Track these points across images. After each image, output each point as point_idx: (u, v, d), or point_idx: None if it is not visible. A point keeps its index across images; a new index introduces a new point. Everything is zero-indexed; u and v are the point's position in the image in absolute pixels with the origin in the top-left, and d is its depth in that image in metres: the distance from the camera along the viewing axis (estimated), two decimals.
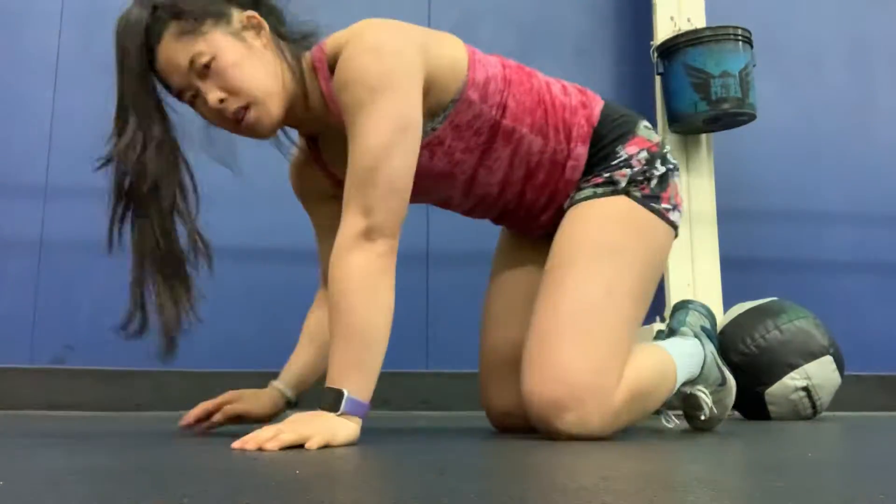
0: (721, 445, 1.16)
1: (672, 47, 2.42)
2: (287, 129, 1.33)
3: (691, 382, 1.36)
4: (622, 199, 1.28)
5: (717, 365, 1.41)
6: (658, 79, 2.53)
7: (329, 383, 1.03)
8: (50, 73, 2.47)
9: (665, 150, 1.35)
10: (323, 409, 1.01)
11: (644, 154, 1.31)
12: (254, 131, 1.19)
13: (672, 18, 2.53)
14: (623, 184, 1.28)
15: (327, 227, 1.33)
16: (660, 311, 2.41)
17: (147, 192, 1.11)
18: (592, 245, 1.25)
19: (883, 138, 2.89)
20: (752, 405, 2.05)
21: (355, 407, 1.02)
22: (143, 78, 1.12)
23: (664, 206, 1.30)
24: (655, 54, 2.50)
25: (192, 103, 1.19)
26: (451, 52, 1.22)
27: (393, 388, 2.34)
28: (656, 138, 1.36)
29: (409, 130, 1.11)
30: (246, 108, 1.15)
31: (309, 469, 0.77)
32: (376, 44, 1.11)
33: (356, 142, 1.10)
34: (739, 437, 1.31)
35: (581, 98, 1.34)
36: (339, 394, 1.01)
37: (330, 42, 1.20)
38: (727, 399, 1.44)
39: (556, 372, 1.16)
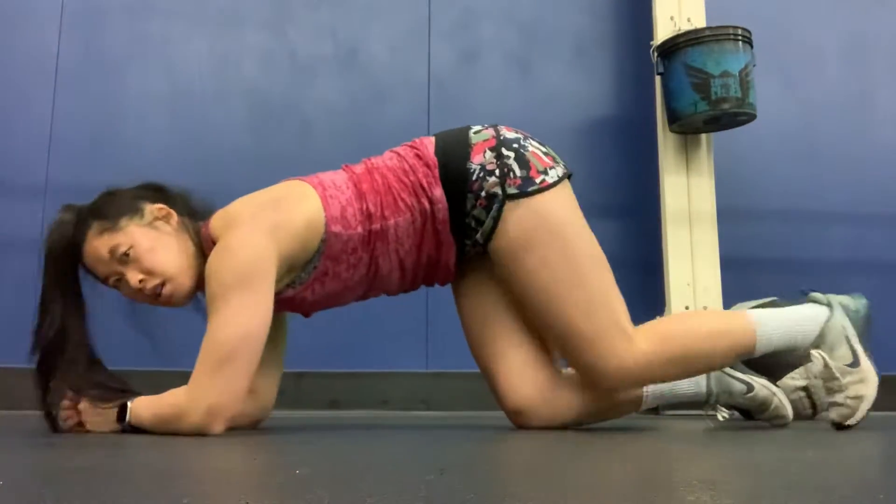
0: (721, 445, 1.16)
1: (672, 47, 2.42)
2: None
3: (814, 346, 1.42)
4: (510, 208, 1.37)
5: (849, 342, 1.44)
6: (658, 79, 2.53)
7: (142, 400, 1.30)
8: (50, 73, 2.47)
9: (502, 136, 1.42)
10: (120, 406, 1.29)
11: (489, 154, 1.40)
12: (171, 302, 1.37)
13: (672, 18, 2.53)
14: (500, 192, 1.37)
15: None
16: (659, 311, 2.41)
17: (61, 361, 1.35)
18: (532, 271, 1.38)
19: (883, 138, 2.89)
20: None
21: (126, 419, 1.28)
22: (67, 273, 1.35)
23: (539, 179, 1.39)
24: (655, 54, 2.50)
25: (116, 286, 1.38)
26: (305, 207, 1.34)
27: (393, 388, 2.35)
28: (489, 133, 1.43)
29: (252, 339, 1.26)
30: (162, 284, 1.34)
31: (309, 469, 0.77)
32: (229, 245, 1.29)
33: (210, 330, 1.26)
34: (739, 437, 1.31)
35: (413, 152, 1.43)
36: (125, 409, 1.28)
37: (214, 221, 1.36)
38: (858, 387, 1.39)
39: (582, 351, 1.39)
